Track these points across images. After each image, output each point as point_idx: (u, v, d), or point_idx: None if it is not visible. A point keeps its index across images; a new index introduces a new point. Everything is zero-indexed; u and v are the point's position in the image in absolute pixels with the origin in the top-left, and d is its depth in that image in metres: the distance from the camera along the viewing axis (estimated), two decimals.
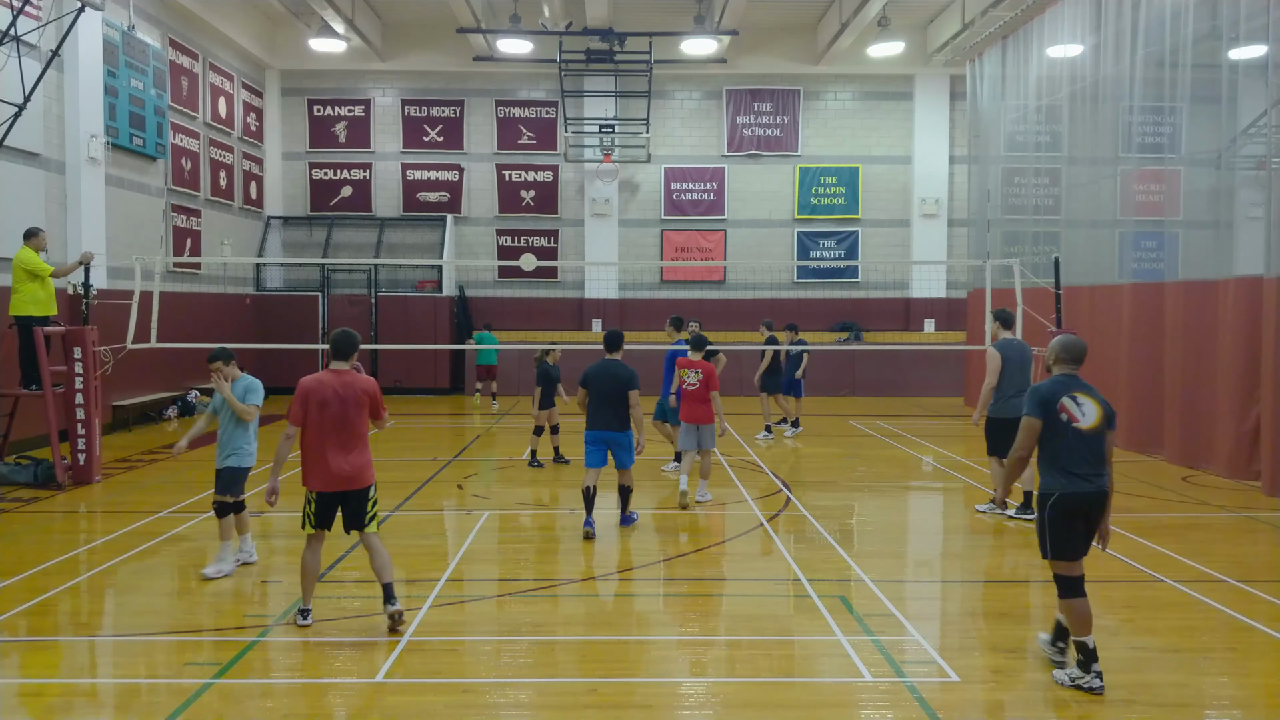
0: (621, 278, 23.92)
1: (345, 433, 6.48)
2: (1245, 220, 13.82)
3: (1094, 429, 5.67)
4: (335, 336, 6.70)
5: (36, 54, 13.19)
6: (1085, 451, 5.65)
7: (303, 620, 6.54)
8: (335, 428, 6.46)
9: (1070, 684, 5.65)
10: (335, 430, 6.45)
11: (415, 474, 12.49)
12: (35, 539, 9.13)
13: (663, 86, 23.52)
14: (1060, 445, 5.67)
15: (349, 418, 6.48)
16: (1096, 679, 5.57)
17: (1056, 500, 5.67)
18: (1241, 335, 12.01)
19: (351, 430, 6.49)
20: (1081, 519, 5.70)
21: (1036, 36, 17.61)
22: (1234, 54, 12.76)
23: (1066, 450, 5.66)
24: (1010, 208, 19.50)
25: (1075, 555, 5.71)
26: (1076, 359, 5.90)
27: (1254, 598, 7.34)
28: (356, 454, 6.51)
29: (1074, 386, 5.77)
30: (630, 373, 9.23)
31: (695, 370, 10.41)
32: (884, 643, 6.32)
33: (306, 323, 22.54)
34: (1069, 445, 5.66)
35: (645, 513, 10.41)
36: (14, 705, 5.48)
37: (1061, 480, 5.66)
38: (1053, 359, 5.97)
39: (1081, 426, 5.67)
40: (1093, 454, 5.67)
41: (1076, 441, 5.66)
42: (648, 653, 6.29)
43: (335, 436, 6.46)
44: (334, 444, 6.45)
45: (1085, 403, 5.71)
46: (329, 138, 23.95)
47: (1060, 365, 5.91)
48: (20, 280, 11.78)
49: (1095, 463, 5.68)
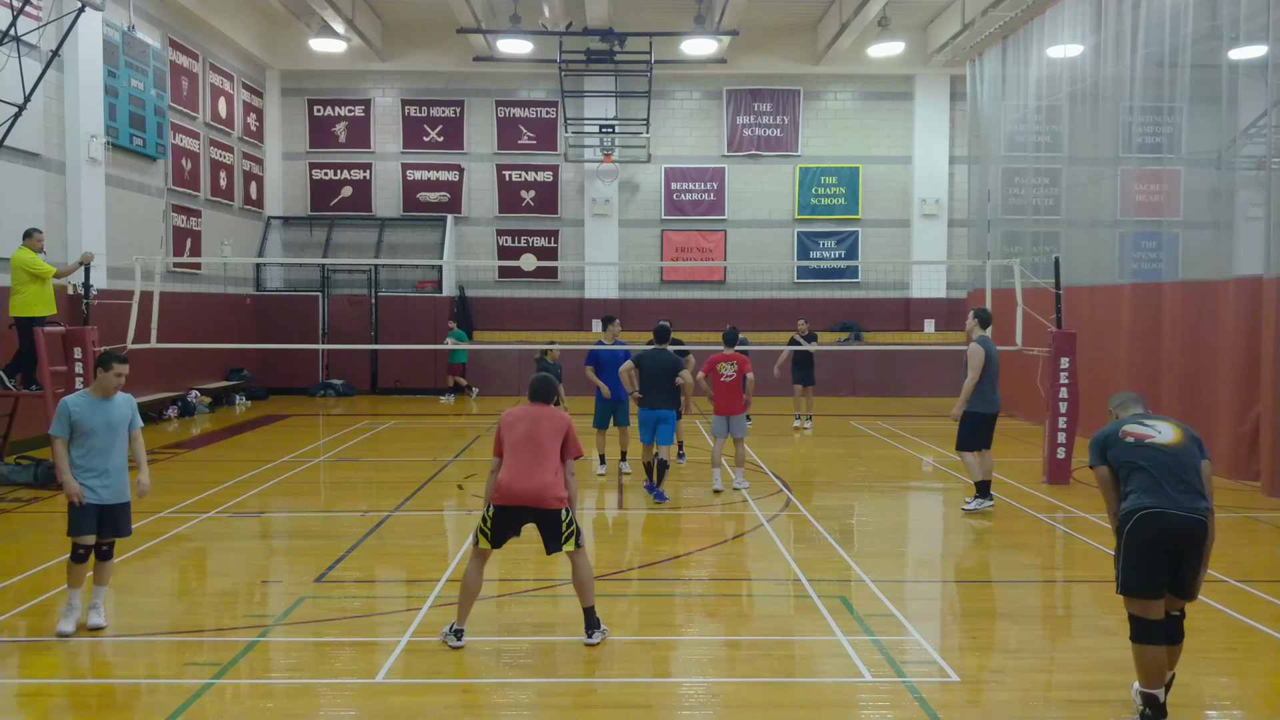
0: (621, 278, 23.92)
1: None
2: (1245, 220, 13.81)
3: (1174, 444, 5.03)
4: (534, 382, 6.70)
5: (36, 54, 13.19)
6: (1169, 467, 4.96)
7: (456, 642, 6.20)
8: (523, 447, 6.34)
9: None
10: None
11: (415, 474, 12.50)
12: (35, 539, 9.13)
13: (663, 86, 23.51)
14: (1137, 469, 5.01)
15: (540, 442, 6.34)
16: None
17: (1141, 519, 4.92)
18: (1240, 335, 12.01)
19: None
20: (1169, 546, 4.90)
21: (1036, 37, 17.60)
22: (1234, 54, 12.75)
23: (1147, 471, 4.97)
24: (1010, 208, 19.49)
25: (1155, 591, 4.94)
26: (1134, 403, 5.48)
27: (1254, 598, 7.34)
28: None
29: (1137, 416, 5.27)
30: (677, 358, 11.01)
31: (731, 362, 11.03)
32: (884, 643, 6.32)
33: (307, 323, 22.54)
34: (1147, 465, 4.99)
35: (645, 513, 10.42)
36: (14, 705, 5.48)
37: (1148, 500, 4.92)
38: (1111, 413, 5.50)
39: (1155, 441, 5.04)
40: (1180, 471, 4.95)
41: (1154, 458, 4.99)
42: (648, 653, 6.29)
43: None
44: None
45: (1152, 422, 5.19)
46: (329, 138, 23.95)
47: (1121, 410, 5.47)
48: (21, 282, 11.78)
49: (1186, 481, 4.94)
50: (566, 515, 6.29)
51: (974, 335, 10.40)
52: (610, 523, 10.22)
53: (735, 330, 11.58)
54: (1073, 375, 12.00)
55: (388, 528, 9.58)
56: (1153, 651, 4.91)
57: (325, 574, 7.95)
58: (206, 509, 10.23)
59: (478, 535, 6.30)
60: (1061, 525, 9.83)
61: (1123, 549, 4.99)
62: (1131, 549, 4.94)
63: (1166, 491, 4.89)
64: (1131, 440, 5.06)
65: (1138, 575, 4.93)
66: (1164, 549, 4.89)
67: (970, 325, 10.60)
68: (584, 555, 6.36)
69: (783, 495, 11.15)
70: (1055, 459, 11.89)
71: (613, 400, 12.18)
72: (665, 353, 11.03)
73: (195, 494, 10.88)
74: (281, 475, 12.39)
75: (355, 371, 22.83)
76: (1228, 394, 12.22)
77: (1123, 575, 4.99)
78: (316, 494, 11.72)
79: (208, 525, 9.62)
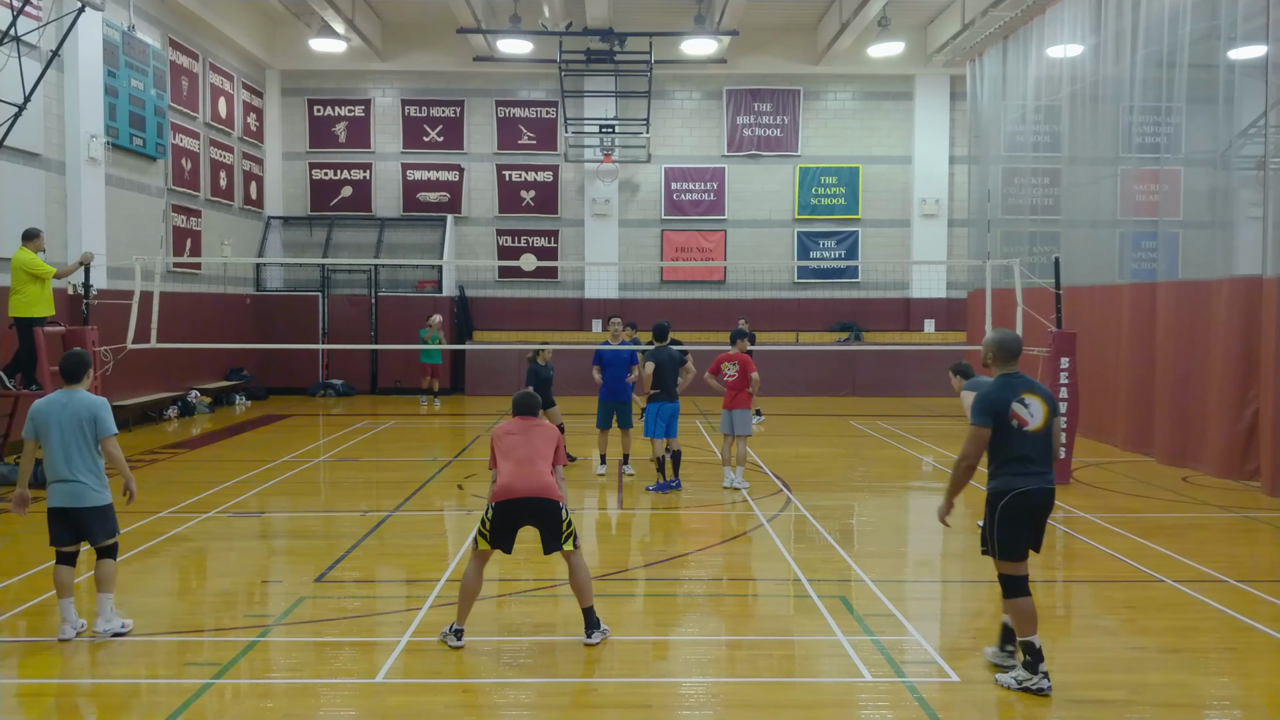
0: (622, 278, 23.92)
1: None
2: (1245, 220, 13.81)
3: (1041, 428, 5.64)
4: (517, 399, 6.73)
5: (36, 54, 13.19)
6: (1036, 450, 5.63)
7: (456, 642, 6.20)
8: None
9: (1017, 686, 5.54)
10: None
11: (415, 474, 12.50)
12: (35, 539, 9.12)
13: (663, 86, 23.52)
14: (1012, 448, 5.61)
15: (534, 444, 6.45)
16: (1044, 679, 5.50)
17: (1013, 498, 5.61)
18: (1237, 335, 12.02)
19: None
20: (1031, 518, 5.66)
21: (1036, 37, 17.60)
22: (1233, 54, 12.75)
23: (1019, 452, 5.60)
24: (1010, 208, 19.49)
25: (1025, 554, 5.67)
26: (1014, 354, 5.80)
27: (1253, 598, 7.34)
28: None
29: (1020, 387, 5.68)
30: (679, 353, 11.73)
31: (733, 363, 11.40)
32: (884, 643, 6.32)
33: (307, 323, 22.55)
34: (1021, 447, 5.61)
35: (645, 513, 10.43)
36: (14, 705, 5.48)
37: (1017, 481, 5.60)
38: (989, 357, 5.86)
39: (1030, 428, 5.62)
40: (1043, 452, 5.65)
41: (1027, 442, 5.62)
42: (648, 653, 6.29)
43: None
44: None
45: (1033, 403, 5.64)
46: (329, 138, 23.95)
47: (999, 364, 5.81)
48: (21, 282, 11.78)
49: (1046, 460, 5.67)
50: (566, 514, 6.33)
51: (962, 388, 9.64)
52: (612, 523, 10.23)
53: (741, 330, 11.95)
54: (1073, 375, 12.00)
55: (388, 528, 9.59)
56: (1026, 602, 5.60)
57: (325, 574, 7.95)
58: (206, 509, 10.23)
59: (477, 537, 6.34)
60: (1061, 525, 9.82)
61: (998, 523, 5.65)
62: (1006, 523, 5.63)
63: (1034, 472, 5.63)
64: (1015, 424, 5.61)
65: (1013, 544, 5.64)
66: (1031, 519, 5.68)
67: (955, 384, 9.85)
68: (581, 556, 6.39)
69: (783, 495, 11.15)
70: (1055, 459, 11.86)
71: (615, 400, 12.19)
72: (670, 349, 11.57)
73: (195, 494, 10.88)
74: (281, 475, 12.39)
75: (355, 371, 22.83)
76: (1225, 393, 12.23)
77: (1000, 546, 5.65)
78: (316, 494, 11.72)
79: (208, 525, 9.62)
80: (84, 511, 6.34)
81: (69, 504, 6.33)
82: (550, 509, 6.28)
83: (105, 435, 6.35)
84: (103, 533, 6.42)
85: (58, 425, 6.29)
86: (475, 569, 6.31)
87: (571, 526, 6.34)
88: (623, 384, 12.24)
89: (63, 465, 6.29)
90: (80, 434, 6.31)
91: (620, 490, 11.54)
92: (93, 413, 6.34)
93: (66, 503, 6.33)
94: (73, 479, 6.30)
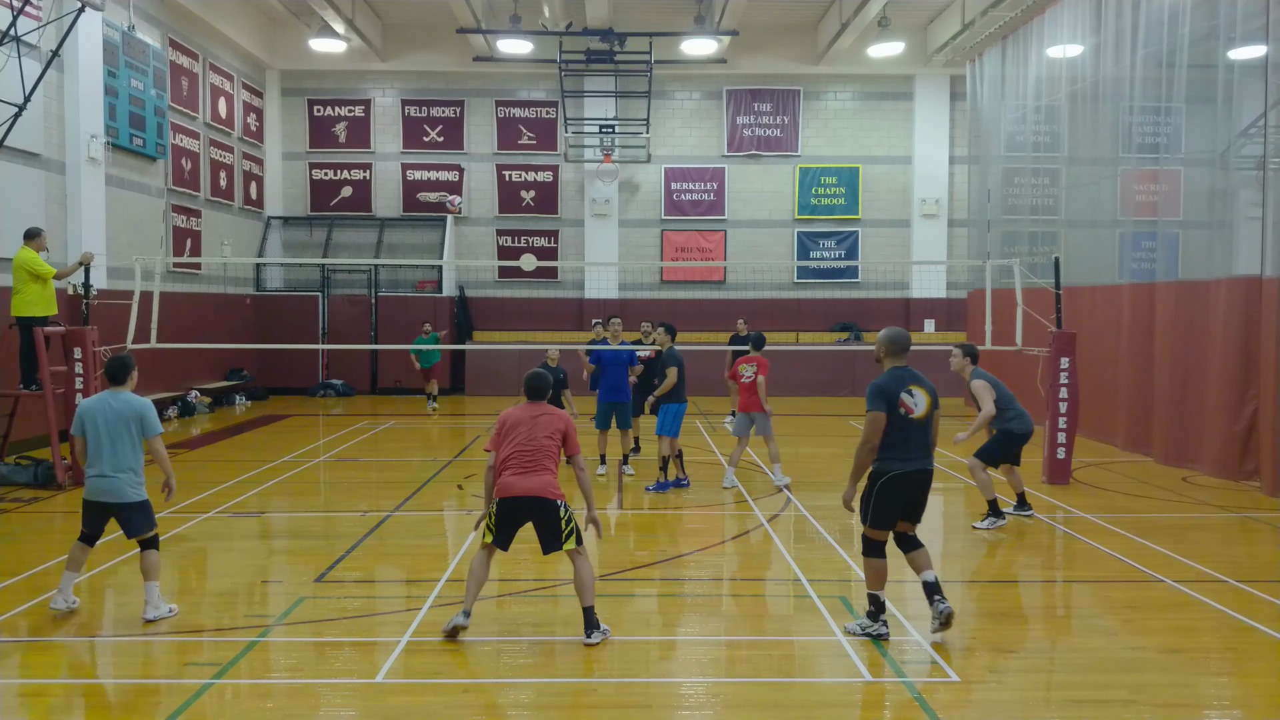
0: (621, 278, 23.91)
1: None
2: (1245, 220, 13.81)
3: (924, 416, 6.29)
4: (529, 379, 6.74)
5: (36, 54, 13.19)
6: (917, 437, 6.28)
7: (463, 620, 6.26)
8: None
9: (861, 633, 6.32)
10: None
11: (415, 474, 12.50)
12: (35, 539, 9.14)
13: (663, 86, 23.51)
14: (897, 433, 6.21)
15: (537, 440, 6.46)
16: (884, 626, 6.31)
17: (890, 479, 6.24)
18: (1236, 335, 12.02)
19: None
20: (907, 495, 6.30)
21: (1036, 37, 17.60)
22: (1233, 54, 12.75)
23: (902, 437, 6.22)
24: (1010, 208, 19.48)
25: (890, 526, 6.38)
26: (904, 349, 6.45)
27: (1253, 598, 7.35)
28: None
29: (908, 379, 6.33)
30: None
31: (751, 364, 11.64)
32: (884, 643, 6.32)
33: (307, 323, 22.55)
34: (904, 433, 6.23)
35: (645, 513, 10.43)
36: (14, 705, 5.48)
37: (896, 464, 6.23)
38: (883, 353, 6.50)
39: (914, 416, 6.26)
40: (922, 438, 6.32)
41: (910, 429, 6.25)
42: (648, 653, 6.29)
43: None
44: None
45: (917, 394, 6.29)
46: (329, 138, 23.95)
47: (891, 359, 6.45)
48: (22, 281, 11.78)
49: (924, 446, 6.33)
50: (565, 511, 6.35)
51: (967, 372, 9.88)
52: (612, 523, 10.22)
53: (761, 335, 12.29)
54: (1073, 375, 11.99)
55: (388, 528, 9.59)
56: (881, 563, 6.38)
57: (325, 574, 7.95)
58: (206, 509, 10.23)
59: (485, 528, 6.44)
60: (1061, 525, 9.83)
61: (874, 497, 6.32)
62: (881, 499, 6.30)
63: (912, 457, 6.26)
64: (902, 412, 6.24)
65: (883, 517, 6.35)
66: (905, 498, 6.33)
67: (960, 364, 9.96)
68: (585, 555, 6.39)
69: (783, 495, 11.15)
70: (1055, 459, 11.89)
71: (615, 401, 12.19)
72: (675, 351, 11.80)
73: (195, 494, 10.87)
74: (281, 475, 12.39)
75: (355, 371, 22.84)
76: (1224, 393, 12.23)
77: (872, 517, 6.34)
78: (316, 494, 11.72)
79: (208, 525, 9.62)
80: (125, 506, 6.71)
81: (110, 499, 6.69)
82: (548, 508, 6.30)
83: (152, 434, 6.78)
84: (145, 525, 6.77)
85: (105, 423, 6.65)
86: (483, 559, 6.42)
87: (573, 524, 6.36)
88: (623, 384, 12.24)
89: (108, 461, 6.64)
90: (127, 432, 6.67)
91: (620, 490, 11.54)
92: (139, 413, 6.74)
93: (108, 498, 6.69)
94: (115, 475, 6.65)
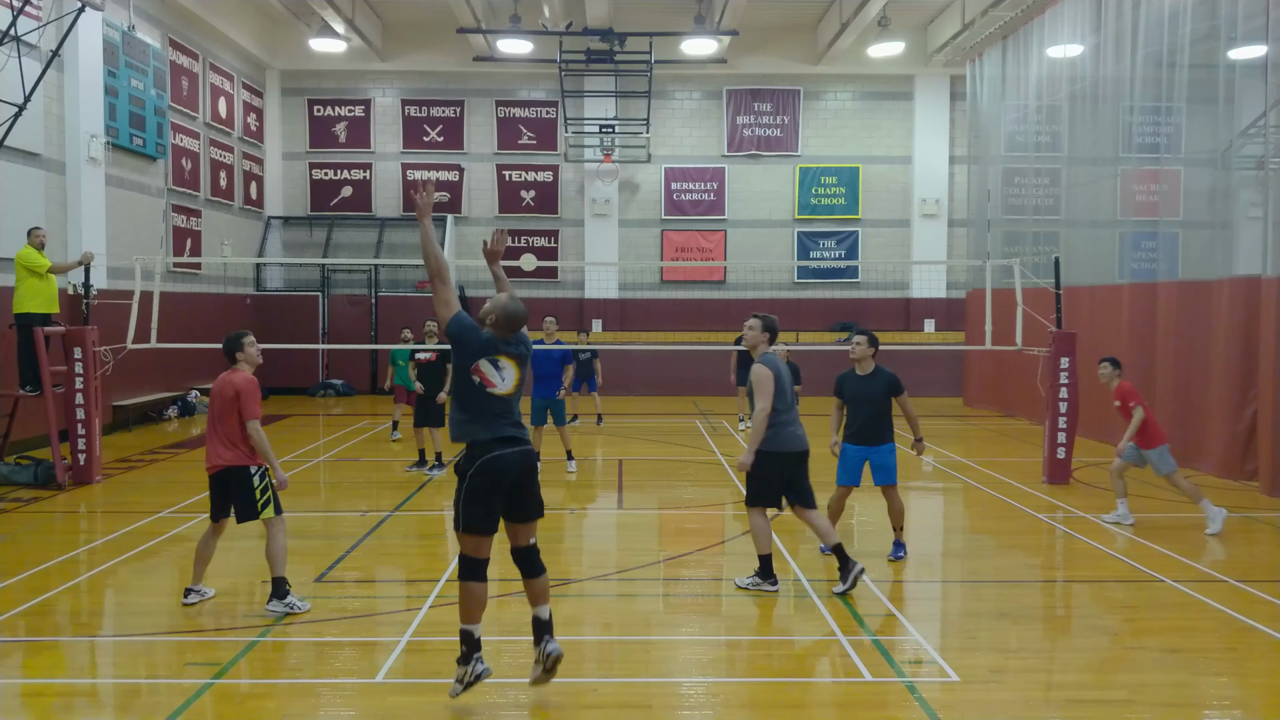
0: (622, 278, 23.92)
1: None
2: (1245, 220, 13.81)
3: (511, 393, 5.41)
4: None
5: (36, 54, 13.19)
6: (501, 409, 5.37)
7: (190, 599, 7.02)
8: None
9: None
10: None
11: (415, 474, 12.49)
12: (35, 539, 9.13)
13: (663, 86, 23.51)
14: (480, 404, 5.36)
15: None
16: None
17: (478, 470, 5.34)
18: (1236, 335, 12.02)
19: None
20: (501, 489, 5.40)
21: (1036, 37, 17.60)
22: (1233, 54, 12.75)
23: (490, 408, 5.36)
24: (1010, 208, 19.48)
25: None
26: (521, 322, 5.46)
27: (1253, 598, 7.35)
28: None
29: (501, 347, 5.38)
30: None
31: None
32: (884, 643, 6.32)
33: (307, 323, 22.55)
34: (489, 404, 5.35)
35: (645, 513, 10.42)
36: (14, 705, 5.48)
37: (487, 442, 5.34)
38: (490, 320, 5.43)
39: (499, 392, 5.37)
40: (507, 409, 5.38)
41: (495, 401, 5.36)
42: (648, 653, 6.30)
43: None
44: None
45: (506, 366, 5.39)
46: (329, 138, 23.95)
47: (500, 329, 5.42)
48: (20, 278, 11.81)
49: (514, 415, 5.42)
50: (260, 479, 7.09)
51: (759, 351, 7.53)
52: (613, 523, 10.23)
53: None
54: (1073, 375, 12.00)
55: (388, 528, 9.59)
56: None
57: (325, 574, 7.96)
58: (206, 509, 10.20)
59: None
60: (1061, 525, 9.83)
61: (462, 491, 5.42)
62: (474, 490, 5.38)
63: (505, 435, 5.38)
64: (477, 380, 5.38)
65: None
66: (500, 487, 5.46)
67: (755, 337, 7.58)
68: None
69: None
70: (1055, 459, 11.89)
71: (546, 397, 12.37)
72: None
73: (195, 494, 10.86)
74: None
75: (355, 371, 22.84)
76: (1225, 393, 12.23)
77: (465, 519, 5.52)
78: (316, 494, 11.71)
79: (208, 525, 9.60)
80: None
81: None
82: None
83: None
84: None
85: None
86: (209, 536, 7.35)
87: (268, 494, 7.13)
88: (556, 382, 12.45)
89: None
90: None
91: (620, 490, 11.54)
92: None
93: None
94: None
